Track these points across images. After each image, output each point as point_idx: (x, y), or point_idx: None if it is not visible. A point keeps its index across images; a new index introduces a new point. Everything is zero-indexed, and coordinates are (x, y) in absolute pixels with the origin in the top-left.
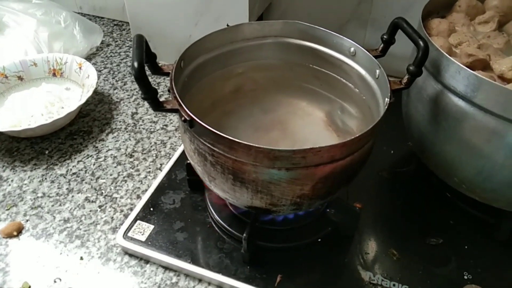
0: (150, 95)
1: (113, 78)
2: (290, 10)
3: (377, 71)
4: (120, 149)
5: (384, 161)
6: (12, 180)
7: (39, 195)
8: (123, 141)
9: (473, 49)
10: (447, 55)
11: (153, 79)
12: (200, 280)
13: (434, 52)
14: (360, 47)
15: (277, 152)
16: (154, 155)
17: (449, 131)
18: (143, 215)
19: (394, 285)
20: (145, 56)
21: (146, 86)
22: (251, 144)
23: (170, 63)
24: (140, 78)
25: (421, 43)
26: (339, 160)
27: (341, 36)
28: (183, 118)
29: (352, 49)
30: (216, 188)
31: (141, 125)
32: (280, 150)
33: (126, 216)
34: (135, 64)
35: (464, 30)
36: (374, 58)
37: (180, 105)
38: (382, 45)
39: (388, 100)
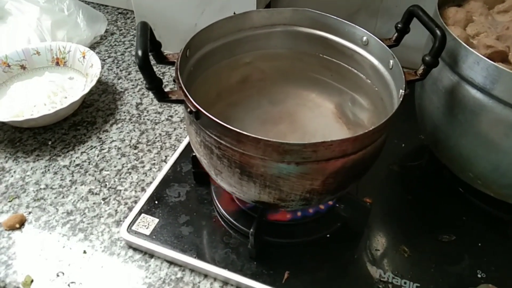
0: (154, 85)
1: (117, 67)
2: None
3: (391, 61)
4: (124, 140)
5: (395, 155)
6: (14, 171)
7: (42, 186)
8: (128, 132)
9: (492, 40)
10: (465, 44)
11: (158, 69)
12: (205, 275)
13: (451, 41)
14: (373, 36)
15: (287, 145)
16: (159, 146)
17: (465, 125)
18: (148, 208)
19: (405, 283)
20: (150, 45)
21: (150, 76)
22: (260, 137)
23: (175, 52)
24: (144, 67)
25: (438, 32)
26: (351, 155)
27: (353, 25)
28: (188, 110)
29: (364, 38)
30: (222, 182)
31: (145, 115)
32: (290, 143)
33: (130, 209)
34: (139, 53)
35: (482, 20)
36: (388, 48)
37: (185, 95)
38: (396, 34)
39: (403, 92)
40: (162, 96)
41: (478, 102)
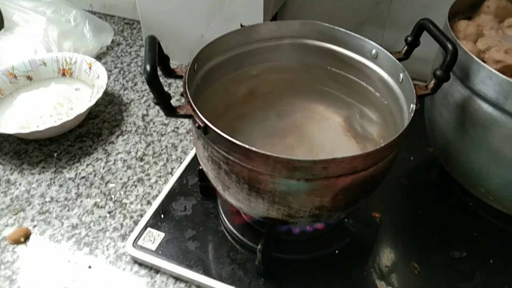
0: (162, 99)
1: (123, 78)
2: (305, 9)
3: (401, 75)
4: (130, 152)
5: (404, 168)
6: (20, 184)
7: (47, 199)
8: (133, 144)
9: (501, 54)
10: (477, 59)
11: (164, 79)
12: None
13: (462, 55)
14: (383, 49)
15: (297, 162)
16: (165, 159)
17: (477, 140)
18: (154, 222)
19: None
20: (158, 59)
21: (158, 91)
22: (269, 153)
23: (181, 63)
24: (153, 82)
25: (449, 46)
26: (361, 171)
27: (362, 38)
28: (197, 125)
29: (373, 51)
30: (230, 197)
31: (151, 127)
32: (300, 160)
33: (136, 223)
34: (148, 68)
35: (492, 34)
36: (397, 61)
37: (194, 110)
38: (406, 48)
39: (414, 106)
40: (170, 111)
41: (490, 117)
